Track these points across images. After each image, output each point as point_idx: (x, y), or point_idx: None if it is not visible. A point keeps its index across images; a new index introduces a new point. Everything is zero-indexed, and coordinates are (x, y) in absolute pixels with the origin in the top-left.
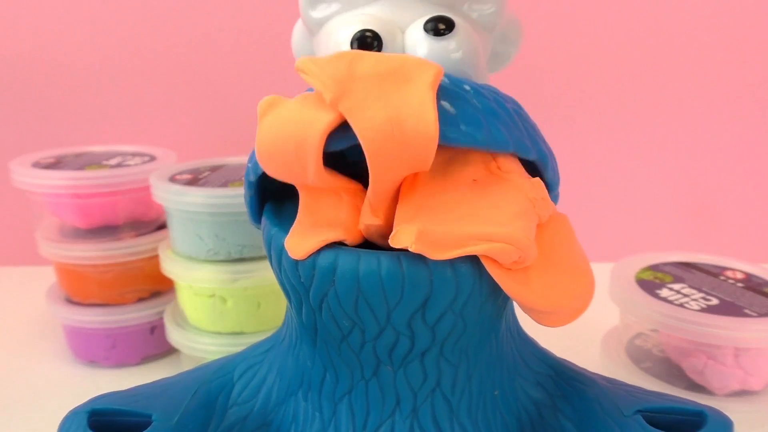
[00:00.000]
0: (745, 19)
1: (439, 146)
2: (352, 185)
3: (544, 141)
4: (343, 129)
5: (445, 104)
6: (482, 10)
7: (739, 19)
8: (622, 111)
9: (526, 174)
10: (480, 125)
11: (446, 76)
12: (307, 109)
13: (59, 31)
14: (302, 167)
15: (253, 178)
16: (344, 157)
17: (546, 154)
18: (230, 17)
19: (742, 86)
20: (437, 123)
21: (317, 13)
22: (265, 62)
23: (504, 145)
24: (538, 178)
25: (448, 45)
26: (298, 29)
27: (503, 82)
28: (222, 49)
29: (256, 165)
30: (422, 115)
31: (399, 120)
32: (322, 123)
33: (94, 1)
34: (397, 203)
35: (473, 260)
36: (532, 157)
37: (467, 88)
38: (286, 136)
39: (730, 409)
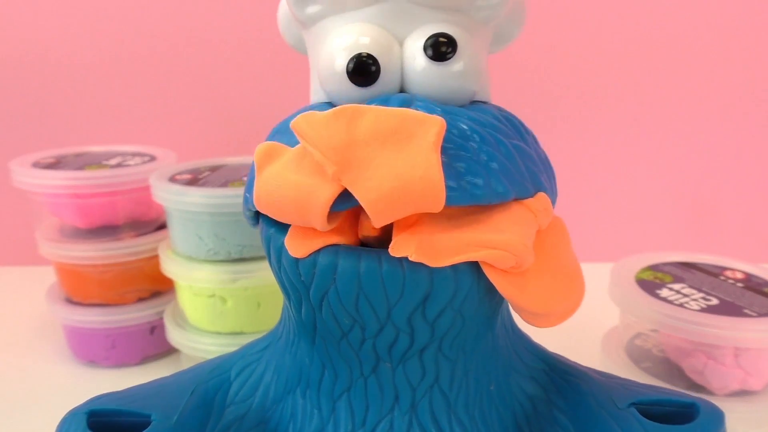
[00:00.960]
0: (745, 18)
1: None
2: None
3: (544, 166)
4: (345, 191)
5: (448, 164)
6: (488, 5)
7: (739, 18)
8: (623, 111)
9: None
10: (482, 184)
11: (444, 116)
12: (307, 174)
13: (59, 31)
14: (304, 222)
15: (252, 208)
16: None
17: (545, 186)
18: (230, 17)
19: (742, 86)
20: (444, 187)
21: (308, 10)
22: (265, 62)
23: (505, 197)
24: (542, 193)
25: (451, 68)
26: (284, 9)
27: (504, 81)
28: (222, 49)
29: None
30: (429, 179)
31: (405, 188)
32: (325, 196)
33: (94, 1)
34: None
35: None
36: (531, 195)
37: (466, 129)
38: (287, 198)
39: (730, 409)
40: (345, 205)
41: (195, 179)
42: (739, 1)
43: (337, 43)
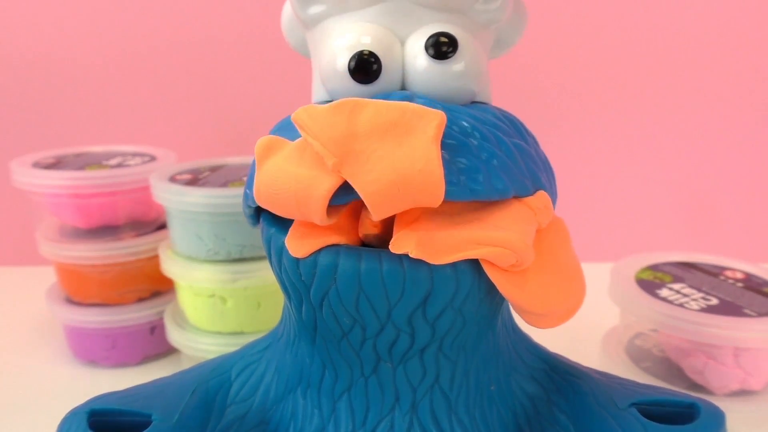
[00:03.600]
0: (745, 18)
1: None
2: (352, 204)
3: (544, 166)
4: (345, 184)
5: (448, 159)
6: (487, 9)
7: (739, 18)
8: (623, 111)
9: None
10: (480, 179)
11: (446, 112)
12: (307, 164)
13: (59, 31)
14: (304, 217)
15: (252, 204)
16: None
17: (545, 185)
18: (230, 17)
19: (742, 86)
20: (443, 181)
21: (311, 11)
22: (265, 62)
23: (505, 193)
24: (542, 191)
25: (452, 67)
26: (288, 12)
27: (504, 82)
28: (222, 49)
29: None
30: (428, 173)
31: (404, 181)
32: (325, 188)
33: (94, 1)
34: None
35: (473, 258)
36: (531, 194)
37: (467, 126)
38: (287, 190)
39: (730, 409)
40: (345, 198)
41: (195, 179)
42: (738, 2)
43: (339, 42)
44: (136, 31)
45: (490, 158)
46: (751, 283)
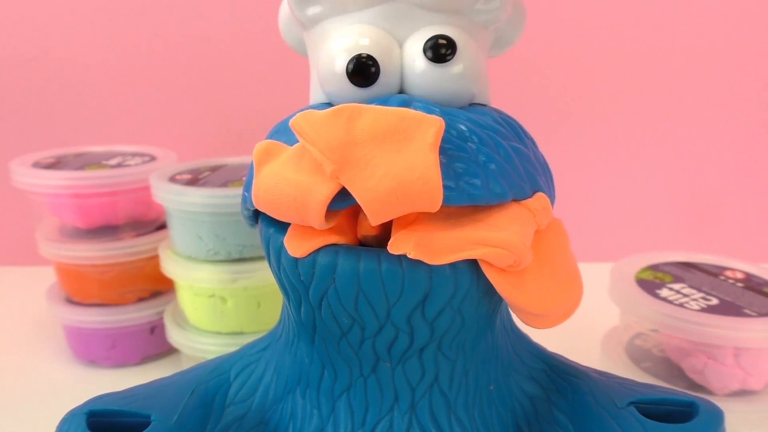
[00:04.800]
0: (745, 17)
1: None
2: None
3: (542, 168)
4: (343, 189)
5: (446, 163)
6: (487, 10)
7: (739, 19)
8: (623, 111)
9: None
10: (480, 185)
11: (444, 116)
12: (305, 172)
13: (60, 31)
14: (303, 221)
15: (250, 207)
16: None
17: (542, 187)
18: (230, 17)
19: (742, 86)
20: (442, 189)
21: (309, 12)
22: (265, 62)
23: (503, 197)
24: (541, 193)
25: (451, 70)
26: (285, 12)
27: (503, 82)
28: (222, 49)
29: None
30: (427, 180)
31: (403, 188)
32: (323, 194)
33: (94, 1)
34: None
35: (471, 259)
36: (529, 196)
37: (465, 130)
38: (286, 196)
39: (730, 409)
40: (343, 203)
41: (195, 179)
42: (739, 1)
43: (337, 45)
44: (136, 31)
45: (488, 163)
46: (751, 283)
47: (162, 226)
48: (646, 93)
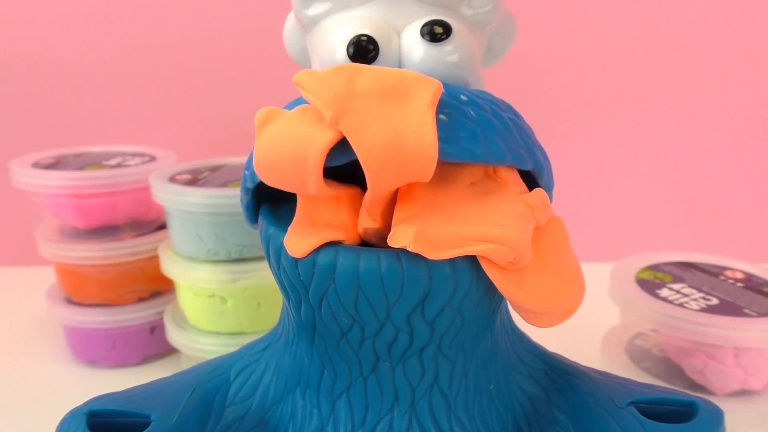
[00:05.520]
0: (744, 19)
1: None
2: (350, 191)
3: (540, 148)
4: (342, 145)
5: (444, 120)
6: (479, 8)
7: (739, 20)
8: (622, 111)
9: (522, 183)
10: (478, 140)
11: (444, 87)
12: (305, 125)
13: (59, 31)
14: (302, 181)
15: (250, 185)
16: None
17: (542, 163)
18: (230, 17)
19: (741, 86)
20: (437, 143)
21: (311, 11)
22: (265, 62)
23: (501, 158)
24: (539, 188)
25: (445, 50)
26: (290, 23)
27: (502, 82)
28: (222, 49)
29: (254, 173)
30: (422, 135)
31: (399, 140)
32: (322, 142)
33: (94, 1)
34: (394, 206)
35: (471, 257)
36: (528, 167)
37: (465, 99)
38: (285, 151)
39: (730, 409)
40: (342, 157)
41: (195, 179)
42: (738, 2)
43: (338, 36)
44: (136, 31)
45: (487, 125)
46: (751, 283)
47: (162, 226)
48: (646, 93)
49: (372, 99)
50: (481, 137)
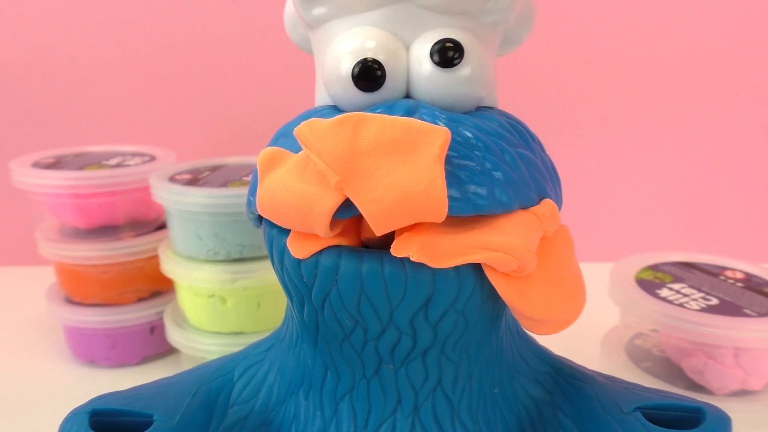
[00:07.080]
0: (744, 20)
1: None
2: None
3: (549, 174)
4: (348, 200)
5: (451, 172)
6: (495, 9)
7: (739, 20)
8: (623, 111)
9: None
10: (485, 194)
11: (452, 133)
12: (310, 182)
13: (59, 31)
14: (307, 229)
15: (256, 212)
16: None
17: (549, 193)
18: (230, 17)
19: (741, 86)
20: (447, 201)
21: (315, 12)
22: (265, 62)
23: (509, 207)
24: (549, 200)
25: (458, 75)
26: (290, 10)
27: (503, 82)
28: (222, 49)
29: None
30: (432, 192)
31: (408, 200)
32: (327, 205)
33: (94, 1)
34: None
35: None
36: (536, 204)
37: (473, 141)
38: (290, 205)
39: (730, 409)
40: (347, 213)
41: (195, 179)
42: (739, 2)
43: (343, 47)
44: (136, 31)
45: (494, 171)
46: (751, 283)
47: (162, 226)
48: (647, 94)
49: (377, 155)
50: (490, 191)
